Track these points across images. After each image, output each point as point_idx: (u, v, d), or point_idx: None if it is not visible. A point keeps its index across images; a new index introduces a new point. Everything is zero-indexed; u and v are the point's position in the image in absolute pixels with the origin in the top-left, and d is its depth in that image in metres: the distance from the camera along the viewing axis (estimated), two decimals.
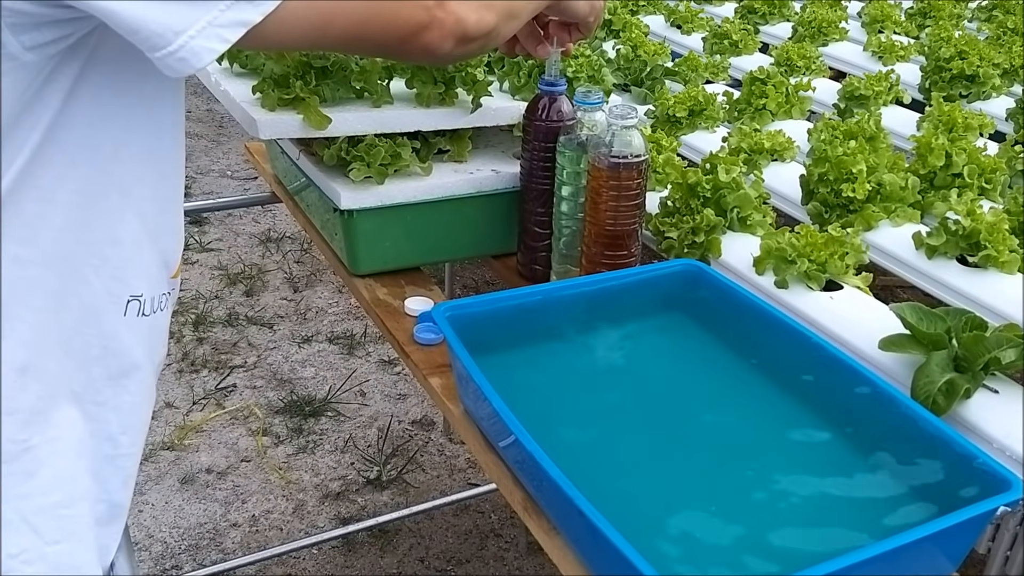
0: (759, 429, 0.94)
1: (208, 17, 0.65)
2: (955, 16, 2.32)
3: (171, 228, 0.84)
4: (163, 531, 2.24)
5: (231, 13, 0.65)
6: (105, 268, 0.77)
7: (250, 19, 0.66)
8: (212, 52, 0.66)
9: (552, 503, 0.84)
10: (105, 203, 0.75)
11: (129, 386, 0.82)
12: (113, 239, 0.77)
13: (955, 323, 0.98)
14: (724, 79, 1.96)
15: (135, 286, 0.79)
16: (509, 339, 1.02)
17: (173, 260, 0.85)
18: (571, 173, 1.17)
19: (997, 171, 1.38)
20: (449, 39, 0.79)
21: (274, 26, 0.67)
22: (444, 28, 0.78)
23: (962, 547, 0.79)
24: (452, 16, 0.78)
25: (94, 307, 0.77)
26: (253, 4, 0.66)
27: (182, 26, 0.64)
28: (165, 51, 0.65)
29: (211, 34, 0.65)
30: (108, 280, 0.77)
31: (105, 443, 0.81)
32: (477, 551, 2.25)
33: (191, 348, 2.91)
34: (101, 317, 0.78)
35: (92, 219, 0.75)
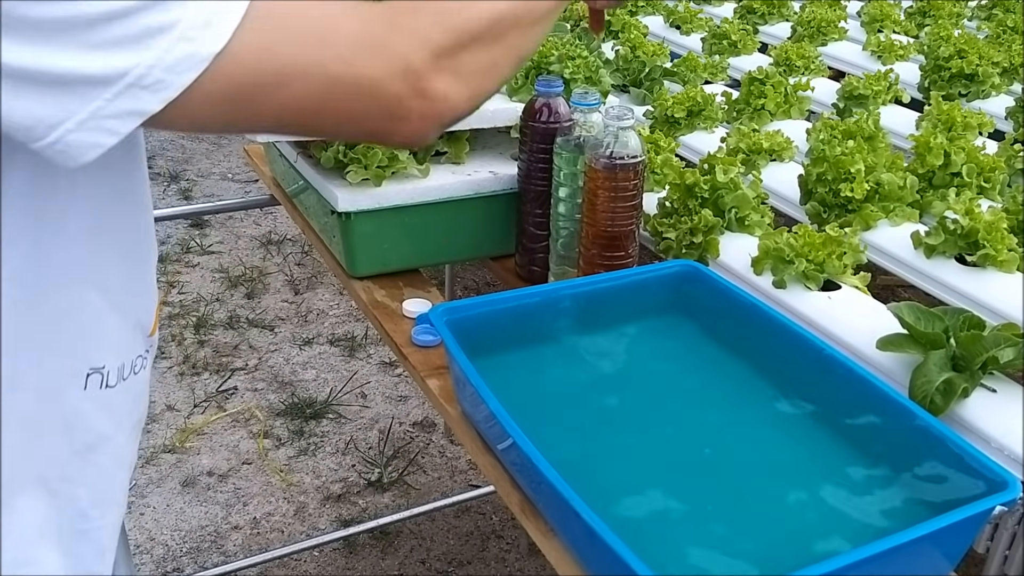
0: (757, 429, 0.94)
1: (90, 108, 0.53)
2: (954, 15, 2.32)
3: (141, 290, 0.76)
4: (164, 534, 2.24)
5: (122, 102, 0.54)
6: (57, 347, 0.68)
7: (146, 109, 0.54)
8: (97, 147, 0.55)
9: (549, 505, 0.84)
10: (52, 280, 0.66)
11: (97, 459, 0.75)
12: (65, 315, 0.68)
13: (953, 322, 0.98)
14: (723, 79, 1.96)
15: (96, 359, 0.72)
16: (507, 341, 1.02)
17: (148, 320, 0.77)
18: (568, 174, 1.17)
19: (996, 170, 1.37)
20: (433, 127, 0.65)
21: (180, 113, 0.55)
22: (426, 119, 0.63)
23: (960, 546, 0.79)
24: (437, 103, 0.63)
25: (50, 387, 0.69)
26: (149, 91, 0.54)
27: (56, 119, 0.53)
28: (41, 144, 0.54)
29: (94, 127, 0.54)
30: (62, 359, 0.69)
31: (76, 519, 0.75)
32: (478, 552, 2.25)
33: (192, 351, 2.91)
34: (59, 395, 0.70)
35: (38, 298, 0.66)
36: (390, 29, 0.61)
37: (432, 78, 0.62)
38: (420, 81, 0.61)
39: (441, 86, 0.62)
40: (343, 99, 0.60)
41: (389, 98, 0.61)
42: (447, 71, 0.62)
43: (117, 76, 0.53)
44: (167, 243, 3.55)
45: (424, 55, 0.61)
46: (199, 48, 0.54)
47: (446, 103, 0.63)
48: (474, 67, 0.65)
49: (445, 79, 0.62)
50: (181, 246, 3.53)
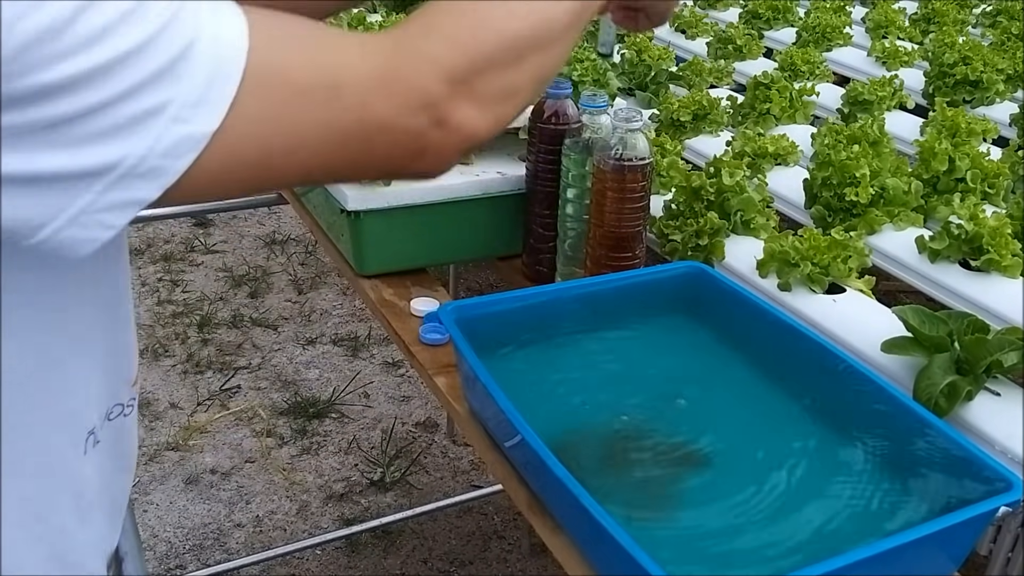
0: (761, 430, 0.95)
1: (80, 204, 0.49)
2: (959, 22, 2.33)
3: (124, 349, 0.73)
4: (167, 531, 2.25)
5: (115, 194, 0.49)
6: (61, 421, 0.65)
7: (143, 197, 0.50)
8: (92, 242, 0.51)
9: (557, 502, 0.85)
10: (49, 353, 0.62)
11: (96, 516, 0.72)
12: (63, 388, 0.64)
13: (957, 326, 0.99)
14: (728, 83, 1.97)
15: (88, 421, 0.68)
16: (514, 339, 1.02)
17: (130, 373, 0.74)
18: (576, 176, 1.18)
19: (1000, 176, 1.38)
20: (453, 156, 0.61)
21: (187, 191, 0.52)
22: (445, 148, 0.60)
23: (963, 547, 0.80)
24: (457, 132, 0.59)
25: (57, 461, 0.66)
26: (144, 179, 0.50)
27: (42, 219, 0.49)
28: (33, 242, 0.50)
29: (87, 222, 0.50)
30: (68, 432, 0.66)
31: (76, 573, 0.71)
32: (480, 553, 2.25)
33: (196, 349, 2.92)
34: (65, 468, 0.66)
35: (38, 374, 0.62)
36: (401, 60, 0.57)
37: (451, 107, 0.58)
38: (438, 111, 0.58)
39: (460, 115, 0.59)
40: (360, 146, 0.57)
41: (408, 135, 0.58)
42: (465, 98, 0.59)
43: (107, 168, 0.49)
44: (171, 242, 3.56)
45: (440, 84, 0.57)
46: (194, 129, 0.50)
47: (466, 132, 0.60)
48: (493, 92, 0.61)
49: (464, 107, 0.59)
50: (185, 245, 3.54)
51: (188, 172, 0.50)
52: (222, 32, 0.50)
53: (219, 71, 0.50)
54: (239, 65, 0.50)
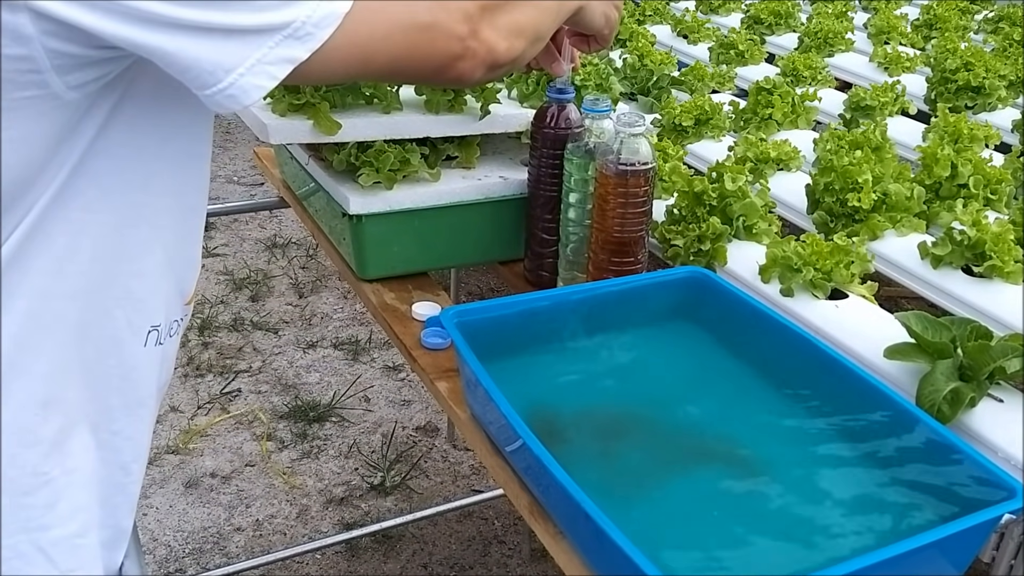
0: (763, 436, 0.95)
1: (258, 54, 0.65)
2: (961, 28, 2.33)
3: (190, 259, 0.83)
4: (167, 534, 2.24)
5: (280, 50, 0.66)
6: (129, 301, 0.76)
7: (298, 56, 0.66)
8: (260, 89, 0.66)
9: (558, 507, 0.85)
10: (134, 235, 0.75)
11: (143, 415, 0.82)
12: (139, 271, 0.76)
13: (960, 332, 0.99)
14: (730, 89, 1.97)
15: (155, 317, 0.79)
16: (516, 344, 1.02)
17: (188, 288, 0.84)
18: (579, 180, 1.18)
19: (1003, 182, 1.38)
20: (480, 67, 0.79)
21: (319, 63, 0.68)
22: (476, 58, 0.78)
23: (967, 554, 0.80)
24: (484, 46, 0.79)
25: (116, 339, 0.77)
26: (301, 41, 0.66)
27: (232, 64, 0.65)
28: (215, 88, 0.65)
29: (260, 71, 0.65)
30: (131, 312, 0.77)
31: (117, 472, 0.81)
32: (480, 557, 2.25)
33: (196, 352, 2.92)
34: (122, 348, 0.77)
35: (120, 252, 0.74)
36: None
37: (482, 25, 0.78)
38: (475, 24, 0.77)
39: (486, 33, 0.79)
40: (427, 41, 0.75)
41: (456, 38, 0.76)
42: (489, 24, 0.79)
43: (279, 28, 0.65)
44: None
45: (476, 6, 0.78)
46: (335, 8, 0.67)
47: (491, 48, 0.79)
48: (506, 25, 0.81)
49: (489, 29, 0.79)
50: None
51: (327, 45, 0.67)
52: None
53: None
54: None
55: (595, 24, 1.01)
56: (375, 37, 0.71)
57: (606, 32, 1.04)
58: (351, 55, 0.71)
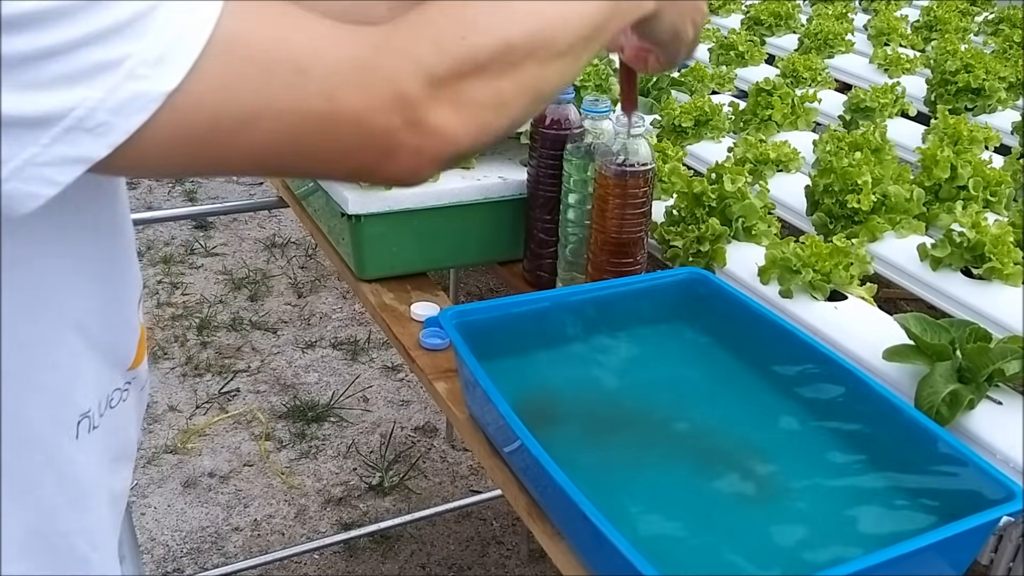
0: (760, 437, 0.95)
1: (25, 155, 0.47)
2: (961, 29, 2.33)
3: (122, 327, 0.70)
4: (165, 534, 2.24)
5: (61, 148, 0.47)
6: (46, 397, 0.63)
7: (91, 155, 0.48)
8: (35, 197, 0.48)
9: (557, 508, 0.85)
10: (36, 328, 0.60)
11: (92, 504, 0.71)
12: (52, 364, 0.62)
13: (959, 334, 0.99)
14: (730, 90, 1.97)
15: (83, 404, 0.66)
16: (515, 345, 1.02)
17: (127, 356, 0.71)
18: (578, 181, 1.18)
19: (1002, 184, 1.38)
20: (430, 163, 0.58)
21: (133, 159, 0.49)
22: (422, 154, 0.56)
23: (965, 556, 0.80)
24: (434, 138, 0.56)
25: (40, 440, 0.63)
26: (92, 135, 0.47)
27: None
28: None
29: (31, 175, 0.47)
30: (52, 409, 0.63)
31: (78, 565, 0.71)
32: (478, 558, 2.25)
33: (195, 352, 2.92)
34: (50, 449, 0.64)
35: (23, 349, 0.60)
36: (380, 53, 0.55)
37: (428, 108, 0.55)
38: (414, 111, 0.55)
39: (439, 118, 0.56)
40: (322, 135, 0.53)
41: (376, 131, 0.54)
42: (446, 102, 0.56)
43: (54, 119, 0.46)
44: (171, 244, 3.56)
45: (418, 82, 0.54)
46: (150, 87, 0.47)
47: (444, 137, 0.56)
48: (478, 99, 0.58)
49: (443, 111, 0.56)
50: (185, 247, 3.54)
51: (139, 135, 0.48)
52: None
53: (184, 32, 0.48)
54: (206, 29, 0.48)
55: (659, 35, 0.79)
56: (226, 127, 0.51)
57: (671, 50, 0.82)
58: (191, 150, 0.51)
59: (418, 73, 0.55)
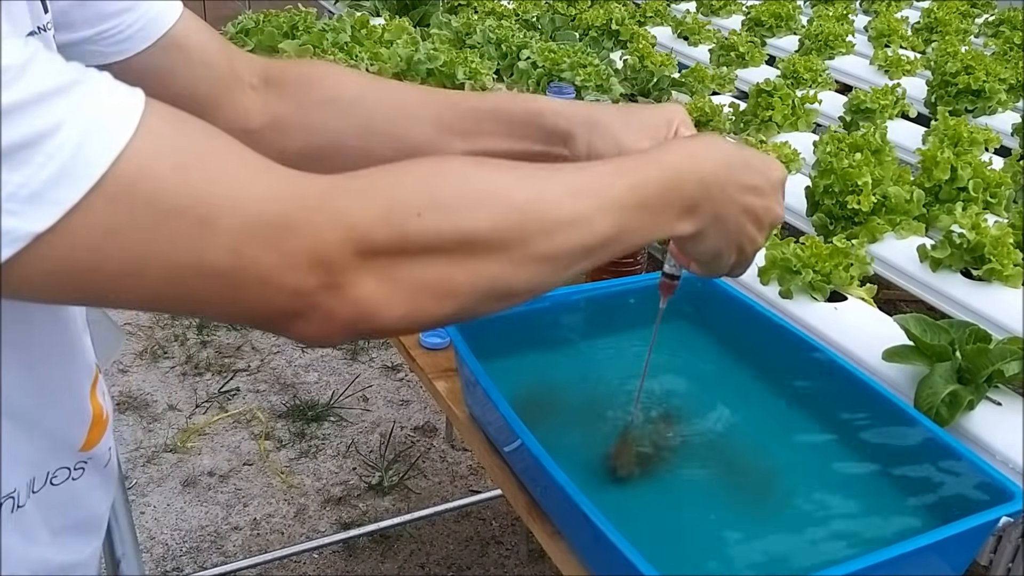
0: (762, 437, 0.95)
1: None
2: (962, 31, 2.33)
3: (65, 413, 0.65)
4: (164, 533, 2.24)
5: None
6: None
7: None
8: None
9: (556, 507, 0.85)
10: None
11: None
12: None
13: (959, 335, 0.99)
14: (730, 91, 1.97)
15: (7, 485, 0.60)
16: (515, 344, 1.02)
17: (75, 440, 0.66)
18: None
19: (1002, 185, 1.38)
20: (342, 331, 0.52)
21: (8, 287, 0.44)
22: (333, 321, 0.50)
23: (965, 556, 0.80)
24: (351, 307, 0.50)
25: None
26: None
27: None
28: None
29: None
30: None
31: None
32: (478, 558, 2.25)
33: (195, 351, 2.92)
34: None
35: None
36: (311, 211, 0.49)
37: (351, 276, 0.49)
38: (332, 276, 0.49)
39: (362, 289, 0.50)
40: (223, 290, 0.48)
41: (284, 292, 0.49)
42: (375, 274, 0.50)
43: None
44: None
45: (346, 249, 0.49)
46: (17, 225, 0.42)
47: (362, 309, 0.50)
48: (417, 280, 0.51)
49: (369, 282, 0.50)
50: None
51: (8, 270, 0.43)
52: (97, 126, 0.44)
53: (72, 169, 0.43)
54: (99, 167, 0.43)
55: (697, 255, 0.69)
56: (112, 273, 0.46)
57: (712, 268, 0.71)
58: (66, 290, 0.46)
59: (348, 240, 0.49)
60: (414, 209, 0.51)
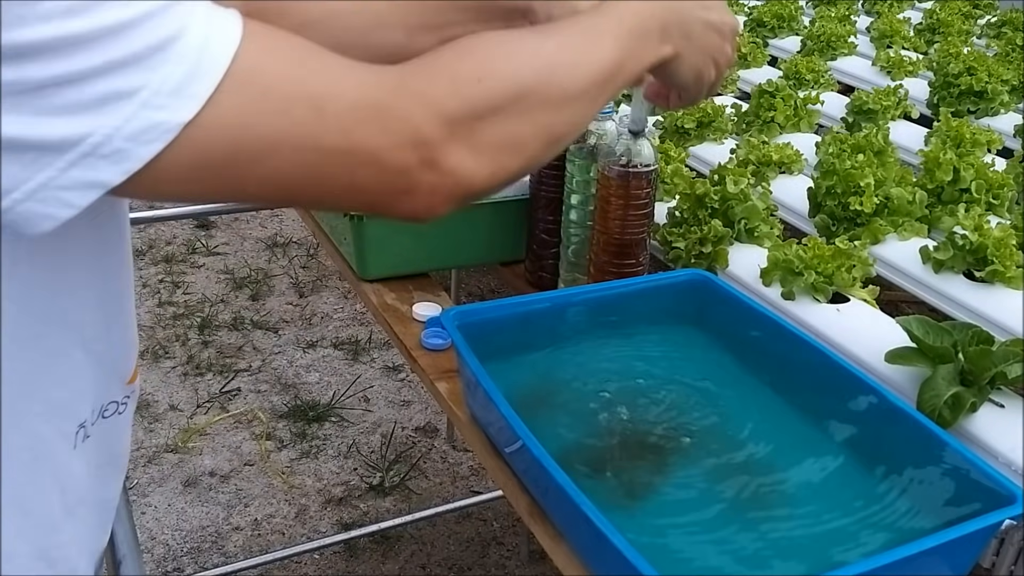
0: (764, 439, 0.95)
1: (41, 177, 0.48)
2: (964, 32, 2.33)
3: (123, 342, 0.71)
4: (165, 533, 2.24)
5: (77, 172, 0.48)
6: (52, 410, 0.64)
7: (105, 180, 0.49)
8: (51, 219, 0.49)
9: (558, 509, 0.85)
10: (46, 343, 0.61)
11: (84, 512, 0.71)
12: (58, 379, 0.63)
13: (962, 337, 0.99)
14: (732, 91, 1.96)
15: (82, 413, 0.67)
16: (517, 345, 1.02)
17: (126, 370, 0.72)
18: (580, 181, 1.18)
19: (1005, 187, 1.38)
20: (446, 202, 0.59)
21: (148, 186, 0.50)
22: (437, 193, 0.58)
23: (967, 560, 0.80)
24: (450, 177, 0.58)
25: (46, 453, 0.65)
26: (108, 161, 0.48)
27: (7, 185, 0.48)
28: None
29: (47, 198, 0.49)
30: (58, 422, 0.65)
31: None
32: (479, 559, 2.25)
33: (196, 351, 2.92)
34: (54, 460, 0.66)
35: (33, 364, 0.61)
36: (397, 95, 0.56)
37: (445, 149, 0.57)
38: (431, 152, 0.56)
39: (455, 159, 0.57)
40: (338, 171, 0.55)
41: (393, 170, 0.56)
42: (462, 143, 0.58)
43: (70, 144, 0.48)
44: (173, 243, 3.56)
45: (435, 123, 0.56)
46: (166, 117, 0.49)
47: (461, 177, 0.58)
48: (494, 140, 0.60)
49: (459, 152, 0.58)
50: (187, 247, 3.54)
51: (155, 163, 0.49)
52: (213, 31, 0.50)
53: (200, 66, 0.49)
54: (223, 64, 0.50)
55: (682, 78, 0.78)
56: (241, 159, 0.52)
57: (693, 91, 0.81)
58: (205, 180, 0.52)
59: (435, 115, 0.56)
60: (473, 78, 0.58)
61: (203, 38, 0.49)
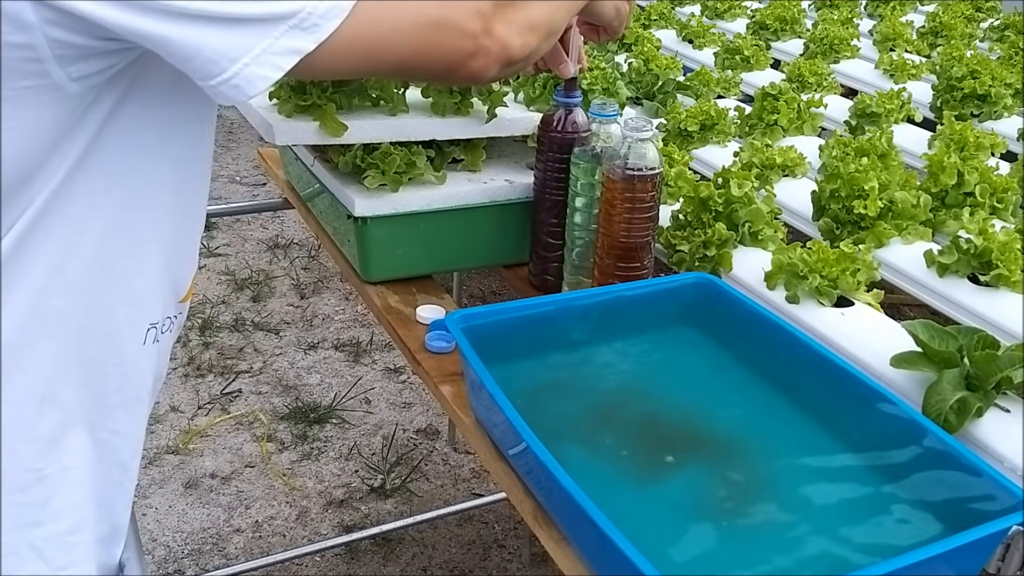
0: (769, 443, 0.94)
1: (263, 44, 0.64)
2: (967, 36, 2.33)
3: (188, 257, 0.83)
4: (166, 535, 2.24)
5: (285, 40, 0.65)
6: (130, 298, 0.76)
7: (304, 47, 0.66)
8: (265, 80, 0.65)
9: (562, 512, 0.85)
10: (135, 233, 0.75)
11: (141, 411, 0.82)
12: (139, 270, 0.76)
13: (967, 341, 0.99)
14: (736, 94, 1.96)
15: (154, 314, 0.79)
16: (521, 348, 1.02)
17: (184, 287, 0.84)
18: (585, 184, 1.17)
19: (1009, 190, 1.38)
20: (495, 65, 0.78)
21: (325, 56, 0.67)
22: (490, 55, 0.77)
23: (974, 565, 0.79)
24: (498, 43, 0.77)
25: (117, 337, 0.77)
26: (307, 32, 0.65)
27: (237, 53, 0.64)
28: (219, 79, 0.65)
29: (265, 62, 0.65)
30: (132, 310, 0.77)
31: (115, 469, 0.81)
32: (480, 561, 2.24)
33: (197, 352, 2.91)
34: (123, 347, 0.78)
35: (121, 249, 0.74)
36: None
37: (495, 22, 0.77)
38: (488, 22, 0.76)
39: (501, 29, 0.77)
40: (437, 39, 0.74)
41: (468, 35, 0.75)
42: (502, 20, 0.78)
43: (284, 18, 0.64)
44: None
45: (489, 3, 0.77)
46: (340, 2, 0.67)
47: (506, 44, 0.78)
48: (521, 22, 0.80)
49: (502, 25, 0.78)
50: None
51: (332, 35, 0.66)
52: None
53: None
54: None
55: (606, 15, 1.01)
56: (383, 33, 0.71)
57: (616, 24, 1.03)
58: (358, 50, 0.70)
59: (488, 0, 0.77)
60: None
61: None
